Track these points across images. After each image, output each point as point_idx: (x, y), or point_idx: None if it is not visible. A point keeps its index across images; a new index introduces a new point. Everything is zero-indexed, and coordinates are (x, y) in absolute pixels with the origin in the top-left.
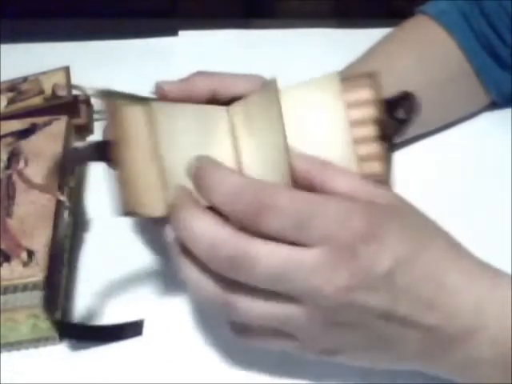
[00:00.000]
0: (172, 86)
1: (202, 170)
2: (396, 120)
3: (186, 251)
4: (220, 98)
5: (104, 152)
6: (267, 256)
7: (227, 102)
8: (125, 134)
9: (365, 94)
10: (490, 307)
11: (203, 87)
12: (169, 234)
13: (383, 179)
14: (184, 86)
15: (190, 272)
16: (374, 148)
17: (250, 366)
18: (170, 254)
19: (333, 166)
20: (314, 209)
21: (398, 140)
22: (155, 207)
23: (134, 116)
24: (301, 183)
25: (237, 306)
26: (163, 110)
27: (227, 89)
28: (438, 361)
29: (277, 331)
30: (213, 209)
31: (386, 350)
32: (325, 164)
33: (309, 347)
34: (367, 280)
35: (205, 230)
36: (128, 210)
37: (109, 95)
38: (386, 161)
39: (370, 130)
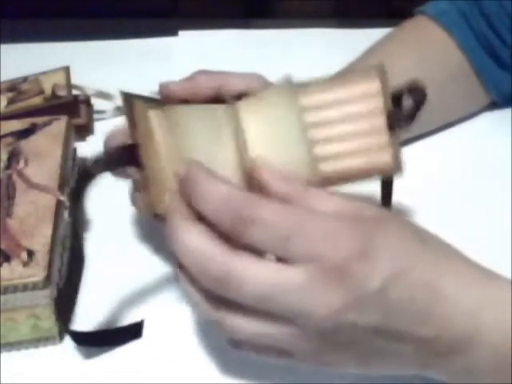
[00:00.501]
0: (177, 85)
1: (190, 177)
2: (404, 110)
3: (181, 263)
4: (223, 96)
5: (125, 158)
6: (254, 276)
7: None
8: (147, 136)
9: (373, 85)
10: (486, 312)
11: (207, 86)
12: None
13: (393, 169)
14: (188, 84)
15: (185, 284)
16: (383, 139)
17: (248, 366)
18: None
19: (313, 187)
20: (300, 224)
21: (406, 128)
22: None
23: (154, 119)
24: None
25: (227, 323)
26: (176, 111)
27: (230, 87)
28: (436, 368)
29: (271, 347)
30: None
31: (382, 362)
32: (305, 185)
33: (304, 361)
34: (360, 299)
35: (195, 245)
36: (153, 212)
37: (129, 98)
38: (396, 151)
39: (379, 121)
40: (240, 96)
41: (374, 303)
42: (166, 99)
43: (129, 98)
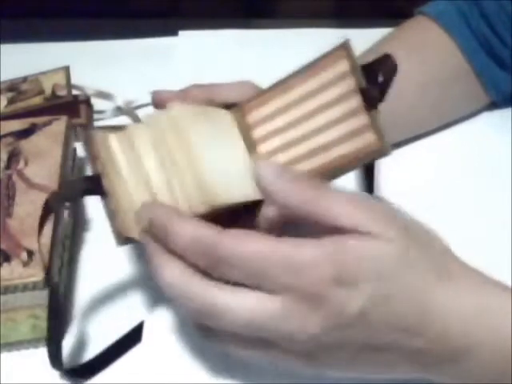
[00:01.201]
0: (169, 93)
1: (157, 221)
2: (376, 84)
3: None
4: (216, 105)
5: (95, 185)
6: (233, 306)
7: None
8: (110, 164)
9: (342, 66)
10: (481, 323)
11: (200, 96)
12: None
13: (380, 148)
14: (182, 95)
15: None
16: (363, 119)
17: (248, 367)
18: None
19: (326, 189)
20: (271, 259)
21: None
22: None
23: (110, 144)
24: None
25: (217, 346)
26: (130, 132)
27: (222, 98)
28: (432, 374)
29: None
30: None
31: (374, 370)
32: (321, 192)
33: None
34: (340, 322)
35: (173, 280)
36: (122, 238)
37: (88, 131)
38: (379, 129)
39: (355, 102)
40: (230, 106)
41: (355, 325)
42: (158, 107)
43: (88, 132)
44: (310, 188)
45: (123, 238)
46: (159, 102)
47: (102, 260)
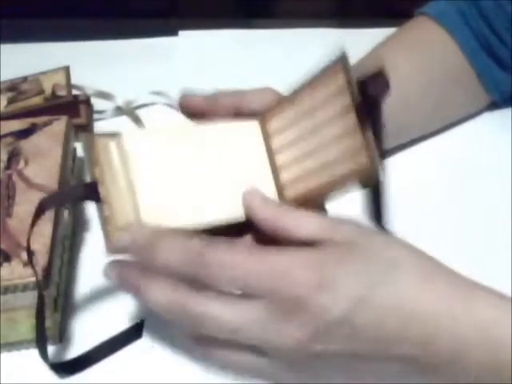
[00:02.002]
0: (198, 99)
1: (141, 239)
2: (370, 99)
3: None
4: (243, 113)
5: (92, 192)
6: (219, 317)
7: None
8: (102, 169)
9: (339, 80)
10: (467, 332)
11: (229, 104)
12: None
13: (371, 171)
14: (209, 101)
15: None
16: (356, 139)
17: None
18: None
19: (292, 210)
20: (254, 265)
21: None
22: None
23: (108, 151)
24: (263, 229)
25: (208, 355)
26: (133, 140)
27: (247, 105)
28: (421, 380)
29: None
30: None
31: (365, 378)
32: (284, 209)
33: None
34: (324, 329)
35: (163, 294)
36: (112, 247)
37: (90, 135)
38: (372, 150)
39: (351, 119)
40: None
41: (340, 332)
42: (185, 111)
43: (90, 137)
44: (274, 205)
45: (112, 247)
46: (187, 108)
47: (101, 260)
